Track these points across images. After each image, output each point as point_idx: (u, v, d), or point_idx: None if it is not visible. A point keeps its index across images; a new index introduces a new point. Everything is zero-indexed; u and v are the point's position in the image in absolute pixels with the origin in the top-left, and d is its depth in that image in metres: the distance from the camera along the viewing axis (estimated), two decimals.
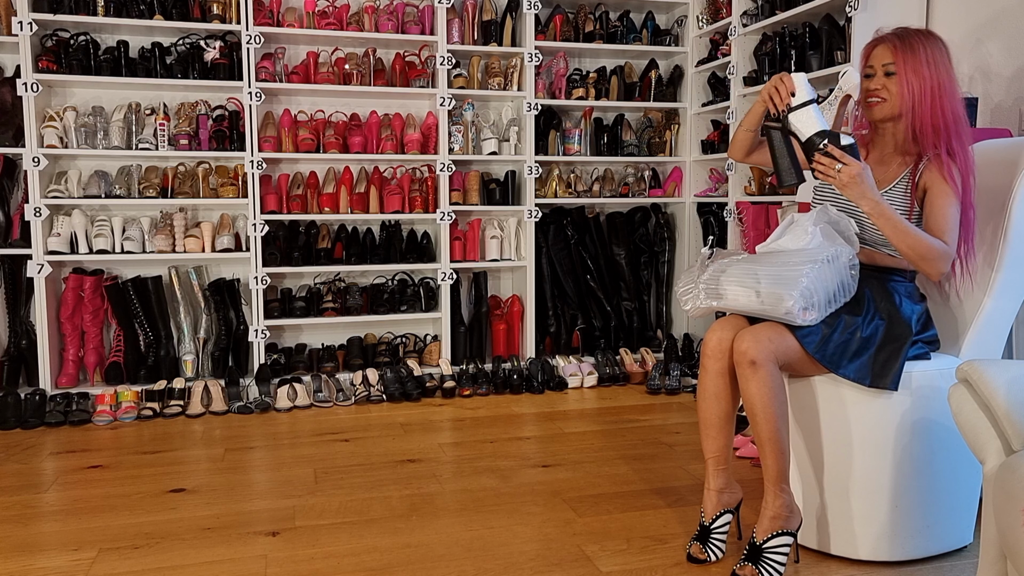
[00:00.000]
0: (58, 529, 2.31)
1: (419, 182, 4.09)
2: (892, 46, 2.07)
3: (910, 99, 2.04)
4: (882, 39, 2.11)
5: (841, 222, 2.05)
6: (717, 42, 4.17)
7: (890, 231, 1.96)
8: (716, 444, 2.07)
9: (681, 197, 4.43)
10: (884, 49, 2.09)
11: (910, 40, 2.06)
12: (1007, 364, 1.58)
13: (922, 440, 2.02)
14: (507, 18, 4.13)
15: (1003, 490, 1.44)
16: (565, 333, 4.32)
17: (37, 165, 3.53)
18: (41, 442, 3.14)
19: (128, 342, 3.76)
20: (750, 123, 2.21)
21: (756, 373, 1.92)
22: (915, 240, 1.95)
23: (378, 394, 3.73)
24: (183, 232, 3.77)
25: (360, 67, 3.96)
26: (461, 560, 2.10)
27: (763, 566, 1.92)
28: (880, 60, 2.09)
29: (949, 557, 2.11)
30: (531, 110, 4.09)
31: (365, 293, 4.05)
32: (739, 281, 2.00)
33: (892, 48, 2.07)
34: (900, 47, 2.06)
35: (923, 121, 2.03)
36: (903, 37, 2.07)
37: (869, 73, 2.12)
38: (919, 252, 1.96)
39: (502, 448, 3.04)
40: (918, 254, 1.96)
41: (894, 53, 2.06)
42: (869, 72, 2.12)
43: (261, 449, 3.05)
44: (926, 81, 2.03)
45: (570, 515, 2.38)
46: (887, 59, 2.07)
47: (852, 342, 1.98)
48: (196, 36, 3.82)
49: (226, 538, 2.24)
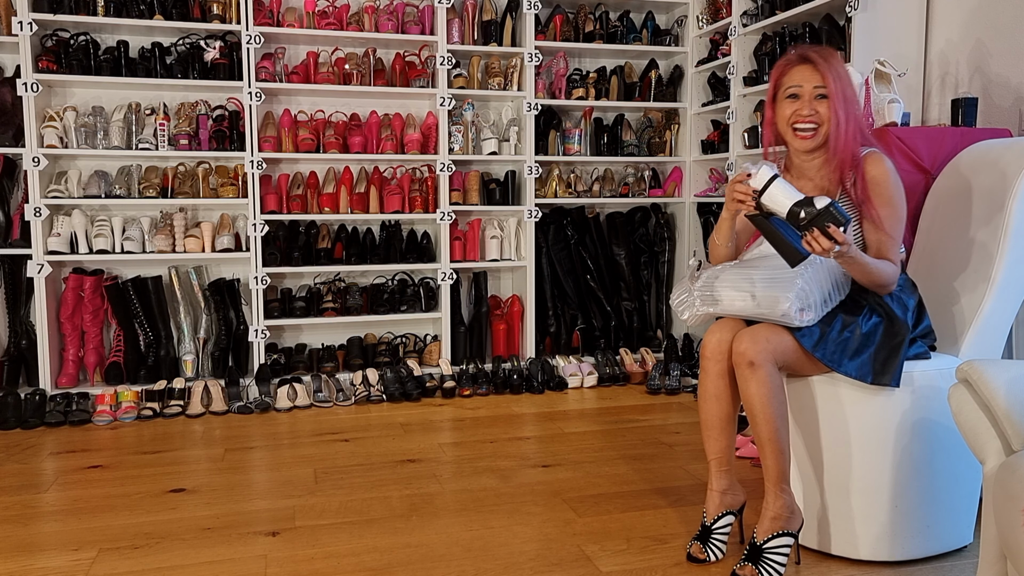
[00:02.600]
0: (58, 529, 2.31)
1: (419, 182, 4.09)
2: (818, 65, 1.96)
3: (837, 125, 1.95)
4: (805, 58, 1.99)
5: None
6: (717, 42, 4.17)
7: (858, 274, 1.96)
8: (718, 445, 2.07)
9: (681, 197, 4.43)
10: (809, 69, 1.97)
11: (832, 61, 1.96)
12: (1007, 364, 1.58)
13: (922, 440, 2.02)
14: (507, 18, 4.13)
15: (1003, 490, 1.44)
16: (565, 333, 4.32)
17: (37, 165, 3.53)
18: (41, 442, 3.14)
19: (128, 342, 3.76)
20: (724, 237, 2.09)
21: (755, 374, 1.92)
22: (876, 274, 1.96)
23: (378, 394, 3.73)
24: (183, 232, 3.77)
25: (360, 67, 3.96)
26: (461, 560, 2.10)
27: (763, 566, 1.92)
28: (809, 82, 1.97)
29: (949, 557, 2.10)
30: (531, 110, 4.09)
31: (365, 293, 4.05)
32: (734, 285, 2.00)
33: (819, 68, 1.96)
34: (828, 68, 1.95)
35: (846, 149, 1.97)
36: (825, 58, 1.96)
37: (793, 95, 2.00)
38: (877, 283, 1.98)
39: (502, 448, 3.04)
40: (876, 284, 1.98)
41: (824, 74, 1.95)
42: (794, 94, 2.00)
43: (261, 449, 3.05)
44: (851, 106, 1.96)
45: (570, 515, 2.38)
46: (816, 80, 1.96)
47: (852, 340, 1.98)
48: (196, 36, 3.82)
49: (226, 538, 2.24)
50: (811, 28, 3.45)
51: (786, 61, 2.04)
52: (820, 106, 1.98)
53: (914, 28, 3.11)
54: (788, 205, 1.85)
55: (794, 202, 1.85)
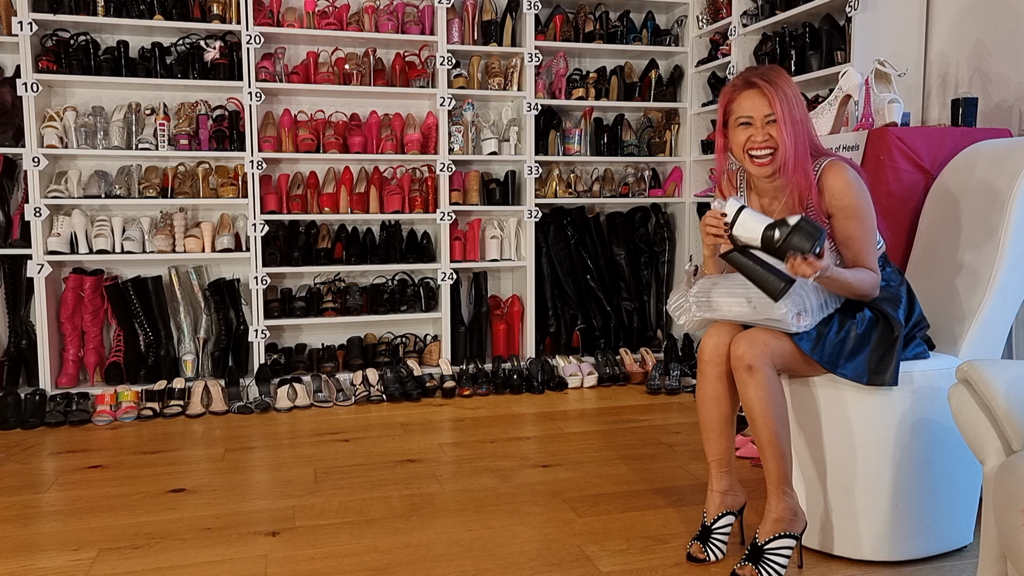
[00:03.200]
0: (58, 529, 2.31)
1: (419, 182, 4.09)
2: (764, 90, 1.95)
3: (791, 147, 1.94)
4: (750, 84, 1.97)
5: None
6: (717, 42, 4.17)
7: (841, 290, 1.97)
8: (718, 447, 2.07)
9: (681, 197, 4.43)
10: (757, 94, 1.96)
11: (779, 83, 1.94)
12: (1007, 364, 1.58)
13: (922, 440, 2.02)
14: (507, 18, 4.13)
15: (1003, 490, 1.44)
16: (565, 333, 4.31)
17: (37, 165, 3.53)
18: (41, 442, 3.14)
19: (128, 342, 3.76)
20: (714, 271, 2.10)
21: (753, 377, 1.92)
22: (857, 287, 1.96)
23: (378, 394, 3.73)
24: (183, 232, 3.77)
25: (360, 67, 3.96)
26: (461, 560, 2.10)
27: (763, 567, 1.92)
28: (759, 111, 1.95)
29: (949, 557, 2.11)
30: (531, 110, 4.09)
31: (365, 293, 4.05)
32: (729, 291, 2.01)
33: (766, 92, 1.95)
34: (774, 92, 1.93)
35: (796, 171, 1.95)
36: (771, 81, 1.95)
37: (745, 123, 1.98)
38: (859, 294, 1.99)
39: (502, 448, 3.04)
40: (859, 295, 1.99)
41: (771, 100, 1.94)
42: (745, 122, 1.98)
43: (261, 449, 3.05)
44: (800, 126, 1.95)
45: (570, 515, 2.38)
46: (764, 108, 1.95)
47: (848, 341, 1.98)
48: (196, 36, 3.81)
49: (226, 538, 2.24)
50: (811, 28, 3.45)
51: (732, 87, 2.02)
52: (772, 130, 1.96)
53: (914, 28, 3.11)
54: (760, 229, 1.83)
55: (766, 225, 1.83)
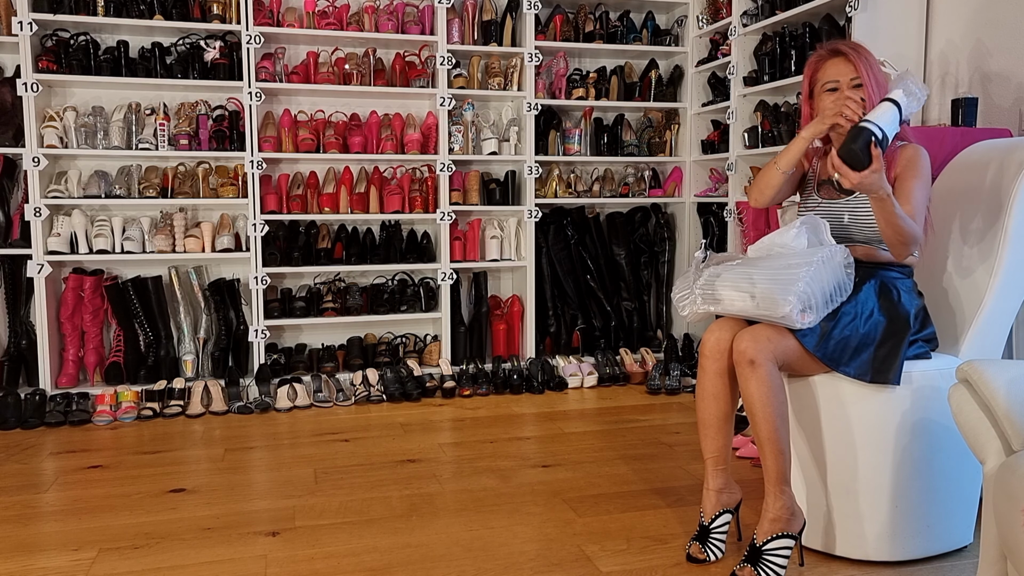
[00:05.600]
0: (58, 529, 2.31)
1: (419, 182, 4.09)
2: (850, 56, 2.06)
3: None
4: (836, 51, 2.09)
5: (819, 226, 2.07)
6: (717, 42, 4.17)
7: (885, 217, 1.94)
8: (715, 444, 2.07)
9: (681, 197, 4.43)
10: (842, 62, 2.08)
11: (861, 51, 2.06)
12: (1007, 364, 1.58)
13: (922, 440, 2.02)
14: (507, 18, 4.13)
15: (1003, 490, 1.44)
16: (565, 333, 4.31)
17: (37, 165, 3.53)
18: (41, 442, 3.14)
19: (128, 342, 3.76)
20: (788, 163, 2.13)
21: (755, 373, 1.92)
22: (901, 223, 1.94)
23: (378, 394, 3.73)
24: (183, 232, 3.77)
25: (360, 67, 3.96)
26: (461, 560, 2.10)
27: (762, 568, 1.91)
28: (845, 75, 2.07)
29: (949, 557, 2.10)
30: (531, 110, 4.09)
31: (365, 293, 4.05)
32: (734, 285, 2.00)
33: (851, 59, 2.06)
34: (859, 57, 2.05)
35: None
36: (855, 48, 2.07)
37: (832, 88, 2.09)
38: (902, 238, 1.96)
39: (502, 448, 3.04)
40: (901, 240, 1.96)
41: (856, 65, 2.05)
42: (832, 87, 2.09)
43: (261, 449, 3.05)
44: (883, 90, 2.04)
45: (570, 515, 2.38)
46: (851, 72, 2.06)
47: (852, 339, 1.98)
48: (196, 36, 3.81)
49: (226, 538, 2.24)
50: (811, 28, 3.45)
51: (818, 57, 2.13)
52: (859, 93, 2.05)
53: (914, 28, 3.11)
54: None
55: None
